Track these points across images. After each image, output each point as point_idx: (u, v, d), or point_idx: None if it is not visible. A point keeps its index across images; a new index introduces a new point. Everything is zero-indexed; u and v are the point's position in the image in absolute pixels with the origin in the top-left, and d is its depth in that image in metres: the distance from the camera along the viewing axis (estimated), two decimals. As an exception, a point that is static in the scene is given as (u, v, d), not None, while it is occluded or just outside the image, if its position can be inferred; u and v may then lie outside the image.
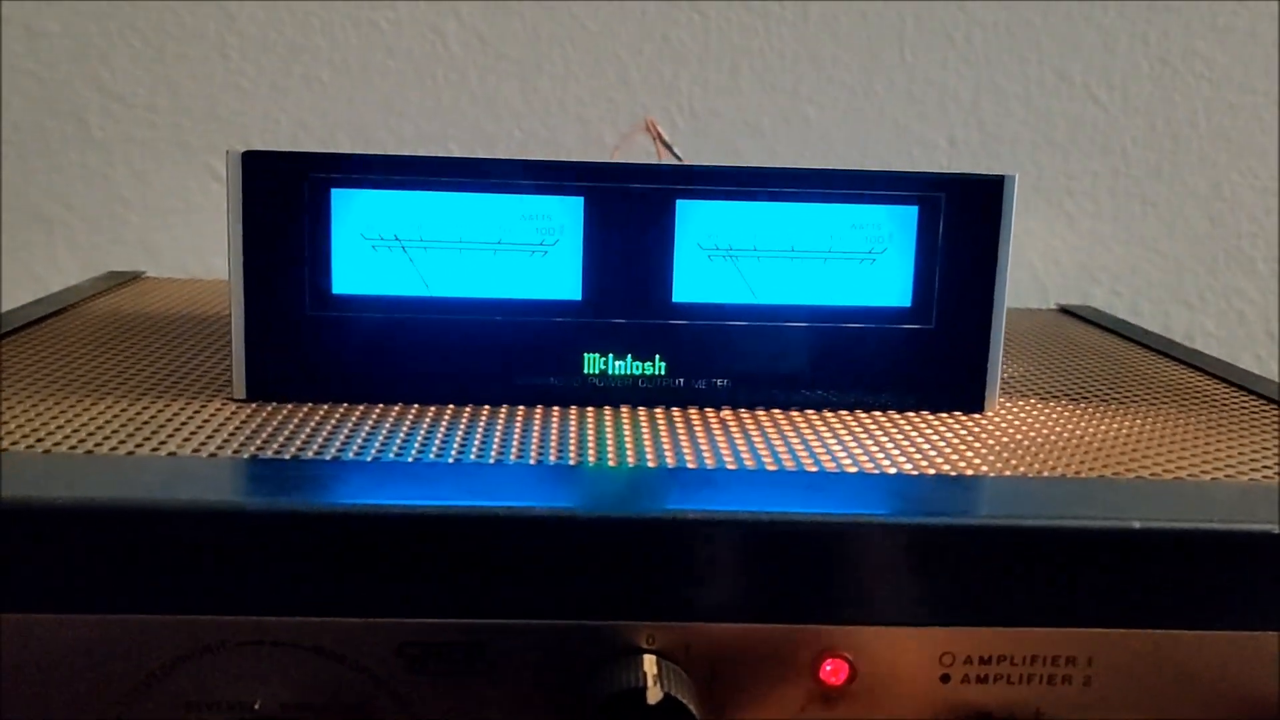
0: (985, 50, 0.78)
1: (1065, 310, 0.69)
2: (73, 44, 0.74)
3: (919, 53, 0.78)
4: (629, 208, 0.40)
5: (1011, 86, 0.79)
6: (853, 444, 0.38)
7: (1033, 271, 0.80)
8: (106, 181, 0.76)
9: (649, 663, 0.31)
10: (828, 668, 0.32)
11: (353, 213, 0.39)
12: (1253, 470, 0.37)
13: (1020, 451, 0.38)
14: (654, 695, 0.30)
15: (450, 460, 0.34)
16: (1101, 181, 0.80)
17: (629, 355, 0.41)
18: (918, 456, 0.37)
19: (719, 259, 0.41)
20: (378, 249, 0.40)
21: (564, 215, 0.40)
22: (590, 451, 0.36)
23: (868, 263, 0.41)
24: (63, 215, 0.77)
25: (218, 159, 0.75)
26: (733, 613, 0.31)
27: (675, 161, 0.54)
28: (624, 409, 0.41)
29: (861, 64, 0.78)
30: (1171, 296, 0.82)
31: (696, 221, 0.40)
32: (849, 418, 0.41)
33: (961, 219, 0.41)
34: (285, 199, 0.39)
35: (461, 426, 0.38)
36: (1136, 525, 0.31)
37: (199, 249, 0.77)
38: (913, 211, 0.41)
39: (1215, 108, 0.80)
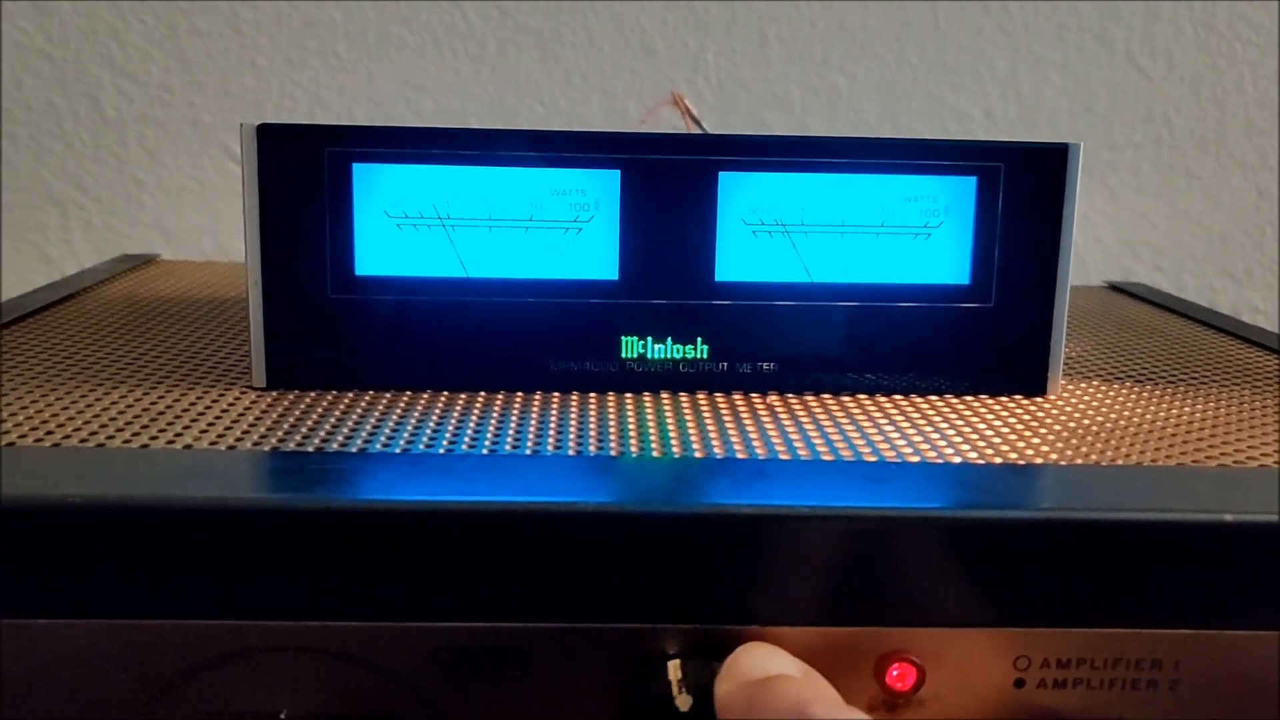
0: (1022, 16, 0.75)
1: (1115, 287, 0.67)
2: (83, 21, 0.72)
3: (953, 20, 0.75)
4: (668, 181, 0.38)
5: (1050, 54, 0.76)
6: (911, 431, 0.35)
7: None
8: (120, 162, 0.74)
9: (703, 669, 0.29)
10: (894, 672, 0.30)
11: (376, 189, 0.37)
12: (1342, 456, 0.34)
13: (1090, 438, 0.35)
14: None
15: (484, 452, 0.32)
16: (1144, 153, 0.77)
17: (669, 338, 0.39)
18: (981, 444, 0.34)
19: (764, 234, 0.38)
20: (403, 227, 0.37)
21: (599, 189, 0.38)
22: (632, 441, 0.34)
23: (923, 237, 0.39)
24: (76, 197, 0.75)
25: (233, 137, 0.73)
26: (791, 615, 0.29)
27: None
28: (664, 395, 0.39)
29: (894, 32, 0.75)
30: (1217, 271, 0.79)
31: (740, 195, 0.38)
32: (904, 402, 0.39)
33: (1023, 190, 0.38)
34: (304, 175, 0.36)
35: (494, 415, 0.36)
36: (1229, 518, 0.29)
37: (215, 230, 0.75)
38: (971, 182, 0.38)
39: (1262, 74, 0.77)
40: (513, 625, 0.29)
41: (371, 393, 0.38)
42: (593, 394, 0.39)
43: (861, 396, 0.39)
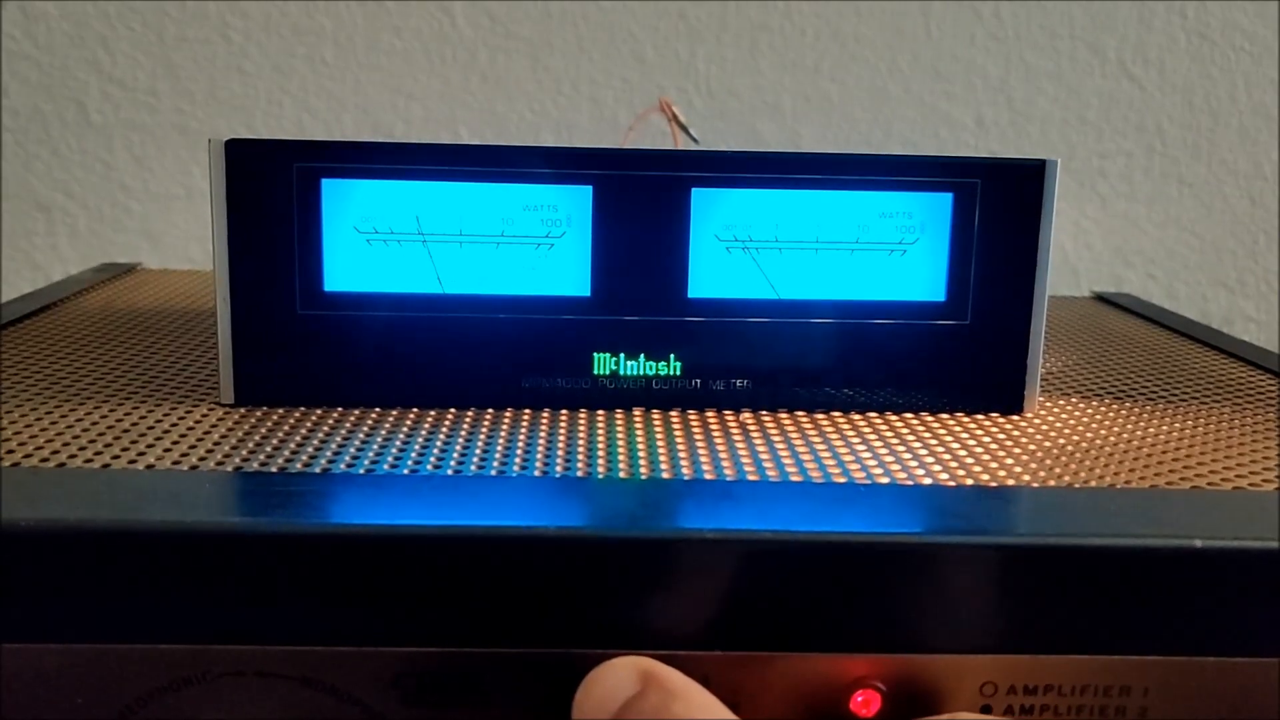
0: (1014, 25, 0.75)
1: (1101, 298, 0.66)
2: (70, 27, 0.72)
3: (945, 28, 0.74)
4: (641, 197, 0.37)
5: (1042, 63, 0.75)
6: (883, 451, 0.35)
7: (1064, 255, 0.77)
8: (106, 168, 0.74)
9: (664, 696, 0.28)
10: (859, 699, 0.29)
11: (345, 204, 0.37)
12: (1318, 478, 0.34)
13: (1064, 458, 0.35)
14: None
15: (449, 472, 0.32)
16: (1136, 161, 0.77)
17: (642, 355, 0.38)
18: (954, 465, 0.34)
19: (738, 251, 0.38)
20: (372, 243, 0.37)
21: (571, 205, 0.37)
22: (600, 461, 0.33)
23: (898, 254, 0.38)
24: (63, 203, 0.74)
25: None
26: (755, 640, 0.29)
27: (691, 143, 0.51)
28: (636, 412, 0.38)
29: (886, 40, 0.74)
30: (1210, 279, 0.79)
31: (713, 211, 0.38)
32: (879, 420, 0.38)
33: (999, 207, 0.38)
34: (272, 190, 0.36)
35: (462, 433, 0.35)
36: (1198, 544, 0.28)
37: (202, 237, 0.75)
38: (947, 199, 0.38)
39: (1256, 83, 0.76)
40: (476, 650, 0.29)
41: (340, 410, 0.37)
42: (564, 411, 0.38)
43: (835, 414, 0.39)
